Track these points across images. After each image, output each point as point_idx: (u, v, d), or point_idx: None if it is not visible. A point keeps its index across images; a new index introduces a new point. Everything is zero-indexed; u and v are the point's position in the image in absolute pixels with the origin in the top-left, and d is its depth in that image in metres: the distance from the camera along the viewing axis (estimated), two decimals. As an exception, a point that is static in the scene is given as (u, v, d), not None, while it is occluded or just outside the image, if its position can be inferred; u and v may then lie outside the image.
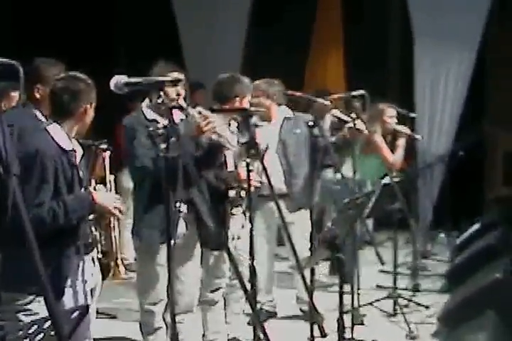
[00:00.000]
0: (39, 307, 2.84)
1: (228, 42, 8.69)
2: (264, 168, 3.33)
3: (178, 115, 3.74)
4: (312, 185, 4.28)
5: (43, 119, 3.33)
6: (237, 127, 4.30)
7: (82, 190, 3.14)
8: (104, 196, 3.24)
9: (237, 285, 4.53)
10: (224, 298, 4.53)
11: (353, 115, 4.68)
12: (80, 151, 3.18)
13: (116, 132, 6.93)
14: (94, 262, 3.27)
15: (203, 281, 4.34)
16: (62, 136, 3.04)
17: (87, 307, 3.09)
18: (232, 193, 4.19)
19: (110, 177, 3.79)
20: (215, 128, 3.66)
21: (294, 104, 4.85)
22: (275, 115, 4.93)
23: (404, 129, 6.03)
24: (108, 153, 3.99)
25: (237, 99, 4.25)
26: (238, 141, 4.06)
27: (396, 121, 6.10)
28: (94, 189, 3.38)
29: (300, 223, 4.86)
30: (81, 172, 3.12)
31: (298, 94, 4.11)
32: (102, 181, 3.71)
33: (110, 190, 3.63)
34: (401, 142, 6.04)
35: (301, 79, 8.83)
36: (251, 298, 3.15)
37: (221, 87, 4.27)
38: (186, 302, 4.02)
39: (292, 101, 4.89)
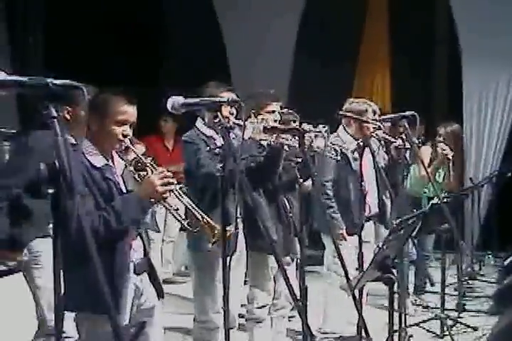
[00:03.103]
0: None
1: (276, 62, 8.80)
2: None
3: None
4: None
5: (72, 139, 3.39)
6: None
7: None
8: (142, 186, 3.00)
9: (279, 303, 4.56)
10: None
11: (403, 136, 4.69)
12: (120, 165, 3.14)
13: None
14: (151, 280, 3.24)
15: (249, 298, 4.40)
16: (94, 152, 3.03)
17: (142, 323, 3.14)
18: None
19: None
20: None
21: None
22: None
23: (442, 150, 6.09)
24: None
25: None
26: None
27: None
28: None
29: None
30: (122, 185, 3.09)
31: (348, 114, 4.15)
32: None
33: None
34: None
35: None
36: (303, 316, 3.17)
37: None
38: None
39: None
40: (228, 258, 3.08)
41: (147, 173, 3.09)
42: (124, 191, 3.08)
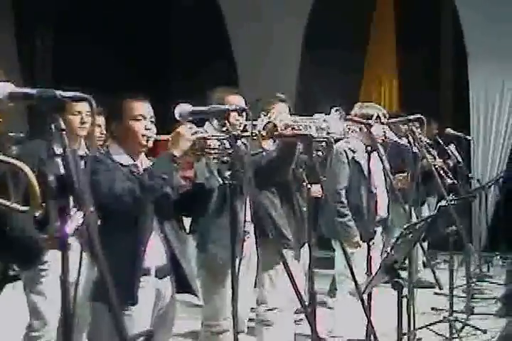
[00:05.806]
0: None
1: (283, 64, 8.80)
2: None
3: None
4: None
5: None
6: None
7: None
8: (172, 139, 3.06)
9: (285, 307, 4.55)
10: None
11: (410, 139, 4.67)
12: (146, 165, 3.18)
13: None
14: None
15: (259, 300, 4.40)
16: (120, 153, 3.13)
17: (151, 332, 3.12)
18: None
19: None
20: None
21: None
22: None
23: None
24: None
25: None
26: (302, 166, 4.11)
27: None
28: None
29: None
30: None
31: (357, 119, 4.17)
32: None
33: None
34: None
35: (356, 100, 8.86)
36: (312, 322, 3.16)
37: None
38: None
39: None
40: (237, 262, 3.08)
41: None
42: None
